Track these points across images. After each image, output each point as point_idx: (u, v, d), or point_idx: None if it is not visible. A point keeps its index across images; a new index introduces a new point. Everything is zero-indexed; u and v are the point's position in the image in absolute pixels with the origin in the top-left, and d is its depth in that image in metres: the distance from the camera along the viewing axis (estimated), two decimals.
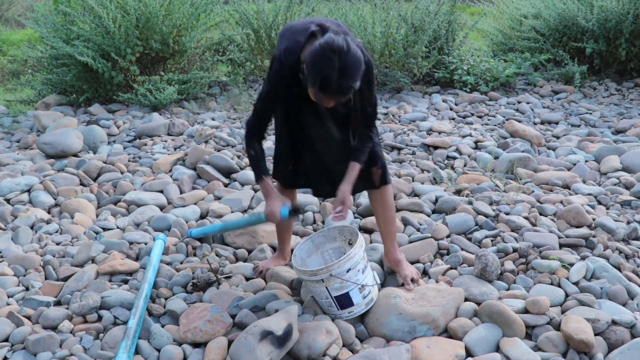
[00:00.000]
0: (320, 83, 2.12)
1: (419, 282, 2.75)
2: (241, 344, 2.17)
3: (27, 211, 3.68)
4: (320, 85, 2.12)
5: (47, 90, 6.33)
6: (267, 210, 2.47)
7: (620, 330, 2.38)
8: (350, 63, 2.10)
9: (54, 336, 2.42)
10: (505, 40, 7.99)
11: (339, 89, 2.13)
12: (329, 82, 2.10)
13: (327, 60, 2.08)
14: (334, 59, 2.07)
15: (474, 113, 5.87)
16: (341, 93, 2.16)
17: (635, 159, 4.24)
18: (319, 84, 2.12)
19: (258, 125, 2.48)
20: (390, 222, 2.78)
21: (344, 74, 2.10)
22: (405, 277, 2.73)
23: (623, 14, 6.63)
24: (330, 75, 2.08)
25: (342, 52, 2.08)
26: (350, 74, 2.11)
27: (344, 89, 2.13)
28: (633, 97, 6.58)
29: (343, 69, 2.09)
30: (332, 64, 2.07)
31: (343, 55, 2.08)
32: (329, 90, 2.13)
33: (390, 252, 2.81)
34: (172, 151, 4.73)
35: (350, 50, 2.10)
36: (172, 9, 5.92)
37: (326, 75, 2.09)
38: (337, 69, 2.08)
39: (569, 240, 3.06)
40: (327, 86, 2.12)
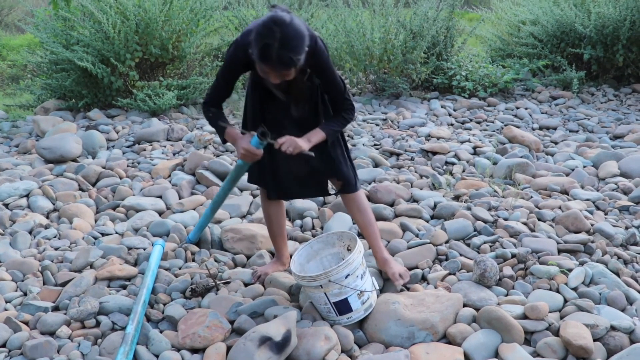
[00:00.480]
0: (261, 52, 2.19)
1: (407, 277, 2.80)
2: (240, 350, 2.16)
3: (26, 216, 3.68)
4: (261, 54, 2.19)
5: (47, 95, 6.34)
6: (240, 150, 2.50)
7: (619, 336, 2.38)
8: (292, 34, 2.18)
9: (51, 342, 2.41)
10: (504, 46, 8.02)
11: (279, 58, 2.19)
12: (269, 51, 2.17)
13: (269, 30, 2.17)
14: (275, 29, 2.16)
15: (473, 119, 5.88)
16: (282, 64, 2.21)
17: (633, 165, 4.25)
18: (259, 53, 2.20)
19: (213, 97, 2.59)
20: (370, 223, 2.84)
21: (284, 45, 2.17)
22: (393, 275, 2.78)
23: (620, 20, 6.66)
24: (270, 44, 2.16)
25: (284, 24, 2.17)
26: (291, 45, 2.18)
27: (284, 59, 2.19)
28: (630, 103, 6.60)
29: (283, 39, 2.16)
30: (273, 33, 2.16)
31: (284, 26, 2.17)
32: (270, 59, 2.20)
33: (377, 252, 2.85)
34: (171, 156, 4.73)
35: (293, 23, 2.19)
36: (172, 15, 5.93)
37: (266, 44, 2.17)
38: (278, 39, 2.16)
39: (568, 246, 3.06)
40: (267, 55, 2.19)
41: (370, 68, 6.55)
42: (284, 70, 2.25)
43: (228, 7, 7.20)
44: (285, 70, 2.25)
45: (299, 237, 3.36)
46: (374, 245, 2.85)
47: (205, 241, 3.33)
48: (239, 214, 3.68)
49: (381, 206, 3.55)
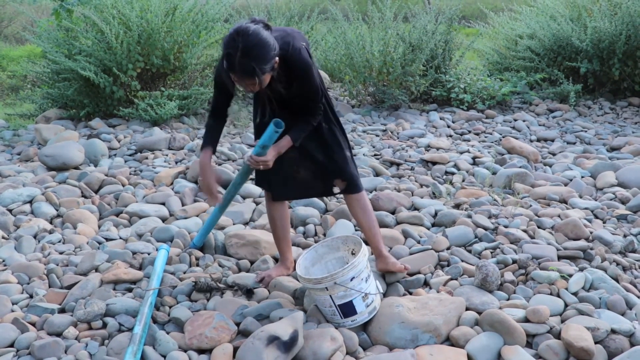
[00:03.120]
0: (225, 61, 2.29)
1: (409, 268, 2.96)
2: (248, 349, 2.19)
3: (30, 221, 3.71)
4: (226, 63, 2.29)
5: (48, 105, 6.38)
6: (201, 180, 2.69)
7: (619, 339, 2.41)
8: (253, 43, 2.25)
9: (59, 342, 2.44)
10: (501, 60, 8.11)
11: (241, 67, 2.27)
12: (232, 61, 2.27)
13: (231, 40, 2.26)
14: (237, 39, 2.25)
15: (471, 130, 5.95)
16: (244, 72, 2.29)
17: (630, 175, 4.31)
18: (225, 62, 2.30)
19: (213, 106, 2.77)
20: (372, 224, 2.92)
21: (246, 54, 2.24)
22: (394, 264, 2.90)
23: (616, 34, 6.76)
24: (232, 53, 2.26)
25: (246, 33, 2.25)
26: (253, 54, 2.25)
27: (246, 68, 2.27)
28: (627, 116, 6.68)
29: (245, 48, 2.24)
30: (235, 43, 2.25)
31: (246, 36, 2.25)
32: (233, 68, 2.29)
33: (380, 251, 2.93)
34: (173, 165, 4.77)
35: (256, 33, 2.27)
36: (174, 26, 6.00)
37: (229, 53, 2.27)
38: (240, 48, 2.24)
39: (567, 252, 3.11)
40: (230, 64, 2.28)
41: (370, 80, 6.62)
42: (247, 78, 2.32)
43: (229, 20, 7.28)
44: (248, 79, 2.32)
45: (302, 243, 3.40)
46: (377, 245, 2.92)
47: (209, 246, 3.36)
48: (242, 220, 3.72)
49: (383, 213, 3.60)
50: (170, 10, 6.01)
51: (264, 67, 2.30)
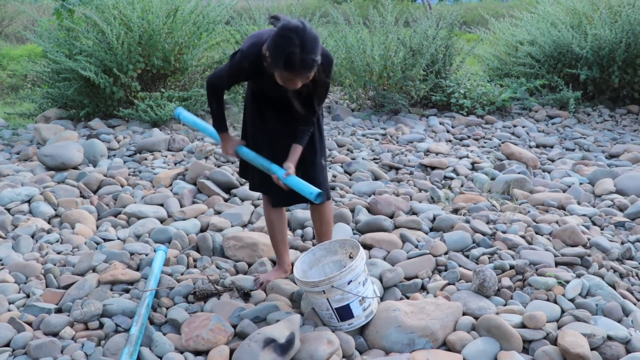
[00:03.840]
0: (285, 61, 2.27)
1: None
2: (244, 351, 2.19)
3: (28, 221, 3.71)
4: (286, 63, 2.28)
5: (48, 104, 6.38)
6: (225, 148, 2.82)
7: (615, 346, 2.42)
8: (309, 38, 2.27)
9: (55, 342, 2.44)
10: (501, 66, 8.13)
11: (303, 63, 2.28)
12: (293, 59, 2.26)
13: (287, 39, 2.25)
14: (293, 37, 2.25)
15: (471, 135, 5.95)
16: (306, 68, 2.31)
17: (628, 182, 4.32)
18: (284, 63, 2.28)
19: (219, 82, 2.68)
20: (326, 235, 2.99)
21: (305, 49, 2.26)
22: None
23: (616, 42, 6.77)
24: (293, 51, 2.25)
25: (300, 30, 2.25)
26: (311, 47, 2.27)
27: (308, 62, 2.29)
28: (626, 124, 6.69)
29: (303, 44, 2.25)
30: (293, 41, 2.24)
31: (301, 32, 2.25)
32: (294, 66, 2.28)
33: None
34: (173, 166, 4.77)
35: (306, 27, 2.28)
36: (175, 27, 6.01)
37: (290, 52, 2.25)
38: (298, 45, 2.24)
39: (565, 259, 3.11)
40: (291, 63, 2.27)
41: (370, 84, 6.63)
42: (308, 73, 2.34)
43: (230, 22, 7.29)
44: (309, 73, 2.34)
45: (300, 246, 3.40)
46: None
47: (207, 248, 3.36)
48: (240, 222, 3.72)
49: (381, 217, 3.60)
50: (172, 11, 6.02)
51: (319, 58, 2.33)
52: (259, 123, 2.81)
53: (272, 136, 2.78)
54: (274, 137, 2.77)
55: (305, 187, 2.55)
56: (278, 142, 2.74)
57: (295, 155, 2.66)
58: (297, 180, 2.58)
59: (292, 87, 2.41)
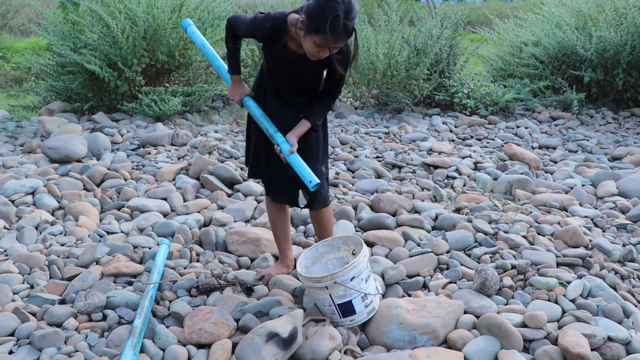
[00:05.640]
0: (331, 23, 2.32)
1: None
2: (247, 345, 2.21)
3: (32, 212, 3.72)
4: (331, 26, 2.32)
5: (52, 97, 6.39)
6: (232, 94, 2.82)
7: (615, 347, 2.43)
8: (353, 6, 2.36)
9: (59, 332, 2.45)
10: (505, 66, 8.13)
11: (345, 28, 2.35)
12: (337, 22, 2.32)
13: (335, 3, 2.32)
14: (340, 2, 2.32)
15: (473, 136, 5.96)
16: (346, 33, 2.38)
17: (631, 185, 4.33)
18: (329, 25, 2.32)
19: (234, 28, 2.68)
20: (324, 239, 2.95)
21: (349, 16, 2.34)
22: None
23: (621, 44, 6.78)
24: (339, 15, 2.32)
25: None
26: (353, 15, 2.36)
27: (349, 28, 2.36)
28: (629, 126, 6.70)
29: (348, 11, 2.34)
30: (339, 6, 2.32)
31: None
32: (337, 29, 2.34)
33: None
34: (176, 161, 4.79)
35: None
36: (180, 22, 6.00)
37: (336, 16, 2.31)
38: (344, 10, 2.32)
39: (566, 260, 3.12)
40: (336, 26, 2.33)
41: (374, 82, 6.64)
42: (347, 38, 2.42)
43: None
44: (347, 39, 2.42)
45: (303, 242, 3.41)
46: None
47: (210, 243, 3.37)
48: (243, 218, 3.73)
49: (384, 215, 3.61)
50: (177, 6, 6.03)
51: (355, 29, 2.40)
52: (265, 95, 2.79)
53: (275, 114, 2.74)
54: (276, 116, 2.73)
55: (306, 172, 2.54)
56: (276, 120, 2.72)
57: (301, 129, 2.66)
58: (300, 162, 2.57)
59: (319, 56, 2.45)
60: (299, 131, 2.65)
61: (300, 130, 2.66)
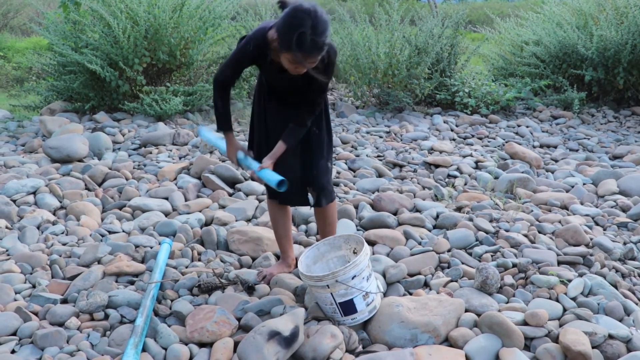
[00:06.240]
0: (297, 40, 2.26)
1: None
2: (249, 343, 2.21)
3: (33, 212, 3.73)
4: (297, 43, 2.26)
5: (53, 97, 6.40)
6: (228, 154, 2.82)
7: (616, 344, 2.43)
8: (321, 21, 2.27)
9: (61, 332, 2.46)
10: (506, 65, 8.13)
11: (314, 44, 2.28)
12: (304, 39, 2.25)
13: (300, 19, 2.25)
14: (306, 17, 2.25)
15: (474, 134, 5.97)
16: (316, 49, 2.31)
17: (631, 183, 4.33)
18: (295, 42, 2.26)
19: (224, 75, 2.65)
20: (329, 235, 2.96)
21: (317, 31, 2.26)
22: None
23: (622, 43, 6.77)
24: (305, 31, 2.24)
25: (312, 12, 2.26)
26: (322, 30, 2.28)
27: (318, 44, 2.29)
28: (630, 125, 6.70)
29: (315, 25, 2.25)
30: (305, 21, 2.24)
31: (313, 14, 2.26)
32: (305, 46, 2.27)
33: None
34: (177, 160, 4.79)
35: (319, 10, 2.28)
36: (181, 22, 6.03)
37: (302, 32, 2.25)
38: (310, 26, 2.24)
39: (567, 258, 3.12)
40: (303, 42, 2.26)
41: (375, 82, 6.64)
42: (317, 55, 2.34)
43: (236, 17, 7.30)
44: (318, 55, 2.34)
45: (304, 241, 3.42)
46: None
47: (211, 242, 3.38)
48: (244, 217, 3.73)
49: (385, 214, 3.61)
50: (178, 6, 6.03)
51: (328, 42, 2.34)
52: (261, 116, 2.82)
53: (270, 130, 2.78)
54: (272, 132, 2.76)
55: (271, 177, 2.58)
56: (274, 138, 2.72)
57: (277, 151, 2.65)
58: (267, 172, 2.61)
59: (297, 71, 2.41)
60: (275, 154, 2.65)
61: (277, 153, 2.64)
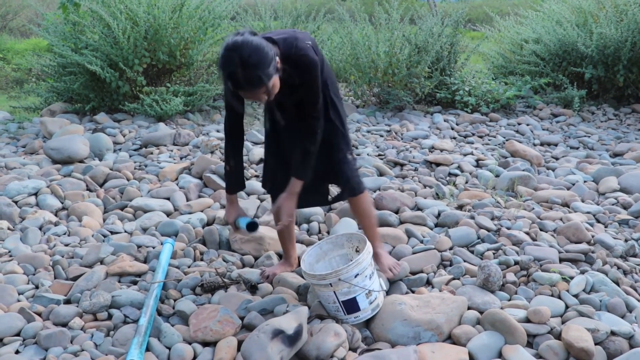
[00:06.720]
0: (230, 82, 2.20)
1: (397, 269, 2.90)
2: (253, 342, 2.22)
3: (35, 213, 3.73)
4: (232, 84, 2.20)
5: (53, 98, 6.40)
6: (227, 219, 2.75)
7: (619, 341, 2.44)
8: (248, 53, 2.15)
9: (65, 332, 2.47)
10: (506, 64, 8.13)
11: (247, 80, 2.18)
12: (236, 78, 2.17)
13: (227, 59, 2.16)
14: (232, 55, 2.15)
15: (475, 133, 5.97)
16: (252, 85, 2.20)
17: (632, 181, 4.33)
18: (230, 83, 2.20)
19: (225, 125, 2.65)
20: (369, 227, 2.93)
21: (247, 65, 2.15)
22: (382, 267, 2.87)
23: (621, 41, 6.78)
24: (234, 71, 2.16)
25: (238, 47, 2.15)
26: (253, 63, 2.15)
27: (253, 79, 2.18)
28: (630, 123, 6.70)
29: (244, 61, 2.14)
30: (233, 60, 2.15)
31: (239, 49, 2.14)
32: (239, 85, 2.20)
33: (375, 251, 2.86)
34: (178, 160, 4.80)
35: (247, 42, 2.16)
36: (181, 22, 6.02)
37: (230, 73, 2.17)
38: (239, 63, 2.14)
39: (569, 255, 3.13)
40: (236, 82, 2.19)
41: (375, 81, 6.64)
42: (256, 89, 2.22)
43: (236, 17, 7.30)
44: (257, 89, 2.22)
45: (306, 240, 3.42)
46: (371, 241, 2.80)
47: (214, 241, 3.39)
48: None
49: (386, 213, 3.62)
50: (178, 6, 6.03)
51: (268, 71, 2.20)
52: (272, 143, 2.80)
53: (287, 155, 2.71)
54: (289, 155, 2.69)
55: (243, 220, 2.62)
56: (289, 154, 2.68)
57: (294, 188, 2.58)
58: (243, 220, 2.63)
59: (258, 100, 2.31)
60: (291, 190, 2.59)
61: (293, 189, 2.58)
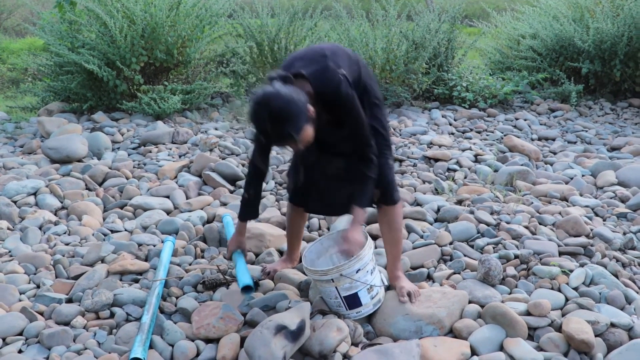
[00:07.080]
0: (263, 135, 2.21)
1: (415, 295, 2.65)
2: (256, 338, 2.23)
3: (35, 213, 3.73)
4: (265, 137, 2.22)
5: (50, 98, 6.39)
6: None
7: (618, 332, 2.46)
8: (278, 110, 2.12)
9: (68, 331, 2.47)
10: (503, 59, 8.14)
11: (277, 136, 2.18)
12: (267, 134, 2.18)
13: (257, 116, 2.16)
14: (261, 112, 2.13)
15: (473, 128, 5.98)
16: (282, 140, 2.21)
17: (630, 174, 4.35)
18: (263, 136, 2.22)
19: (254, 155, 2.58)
20: (394, 243, 2.73)
21: (276, 122, 2.12)
22: (400, 289, 2.67)
23: (618, 36, 6.79)
24: (263, 127, 2.16)
25: (267, 102, 2.12)
26: (283, 119, 2.12)
27: (283, 135, 2.16)
28: (627, 117, 6.72)
29: (273, 117, 2.12)
30: (262, 116, 2.14)
31: (268, 105, 2.12)
32: (270, 140, 2.24)
33: (391, 270, 2.77)
34: (177, 158, 4.80)
35: (276, 97, 2.12)
36: (178, 20, 6.02)
37: (262, 129, 2.18)
38: (268, 119, 2.12)
39: (568, 249, 3.15)
40: (267, 137, 2.21)
41: None
42: (287, 143, 2.23)
43: (233, 15, 7.29)
44: (289, 143, 2.22)
45: (306, 236, 3.42)
46: (392, 263, 2.76)
47: (214, 239, 3.39)
48: None
49: None
50: (175, 4, 6.03)
51: (299, 125, 2.15)
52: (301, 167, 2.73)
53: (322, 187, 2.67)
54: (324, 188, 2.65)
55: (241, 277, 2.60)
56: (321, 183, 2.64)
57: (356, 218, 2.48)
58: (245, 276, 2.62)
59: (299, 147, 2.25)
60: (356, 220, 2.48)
61: (357, 219, 2.48)
